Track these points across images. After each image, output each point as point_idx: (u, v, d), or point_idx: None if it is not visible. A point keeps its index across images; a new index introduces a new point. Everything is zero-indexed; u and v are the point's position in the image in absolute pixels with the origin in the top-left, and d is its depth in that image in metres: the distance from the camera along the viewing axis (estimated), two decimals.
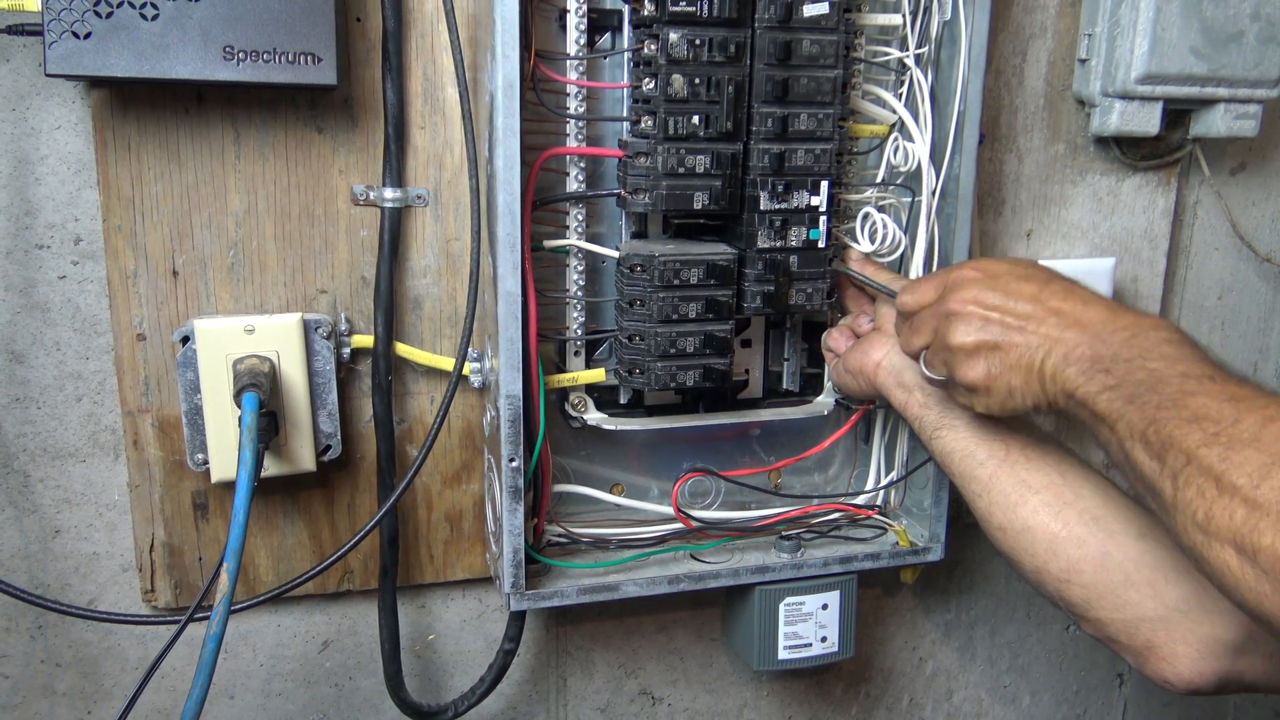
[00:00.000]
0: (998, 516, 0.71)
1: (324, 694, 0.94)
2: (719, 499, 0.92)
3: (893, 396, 0.79)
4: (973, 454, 0.73)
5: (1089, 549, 0.66)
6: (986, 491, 0.72)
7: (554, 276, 0.81)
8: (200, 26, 0.67)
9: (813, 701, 1.11)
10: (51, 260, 0.78)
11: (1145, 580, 0.64)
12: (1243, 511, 0.47)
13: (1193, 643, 0.63)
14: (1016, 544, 0.70)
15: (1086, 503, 0.68)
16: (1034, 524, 0.69)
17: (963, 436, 0.74)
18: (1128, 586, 0.65)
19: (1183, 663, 0.63)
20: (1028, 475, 0.70)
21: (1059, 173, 1.03)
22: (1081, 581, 0.67)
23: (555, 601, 0.81)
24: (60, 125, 0.76)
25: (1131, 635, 0.65)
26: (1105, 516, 0.67)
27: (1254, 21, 0.95)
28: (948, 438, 0.75)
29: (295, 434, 0.80)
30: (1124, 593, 0.65)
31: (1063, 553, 0.67)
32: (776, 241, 0.78)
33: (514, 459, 0.76)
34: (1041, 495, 0.69)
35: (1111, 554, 0.66)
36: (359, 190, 0.81)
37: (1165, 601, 0.64)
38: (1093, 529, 0.67)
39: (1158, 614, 0.64)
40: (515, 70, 0.70)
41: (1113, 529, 0.66)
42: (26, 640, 0.85)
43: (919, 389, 0.76)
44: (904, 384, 0.78)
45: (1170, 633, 0.63)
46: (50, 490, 0.82)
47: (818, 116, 0.77)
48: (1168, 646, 0.63)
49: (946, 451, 0.75)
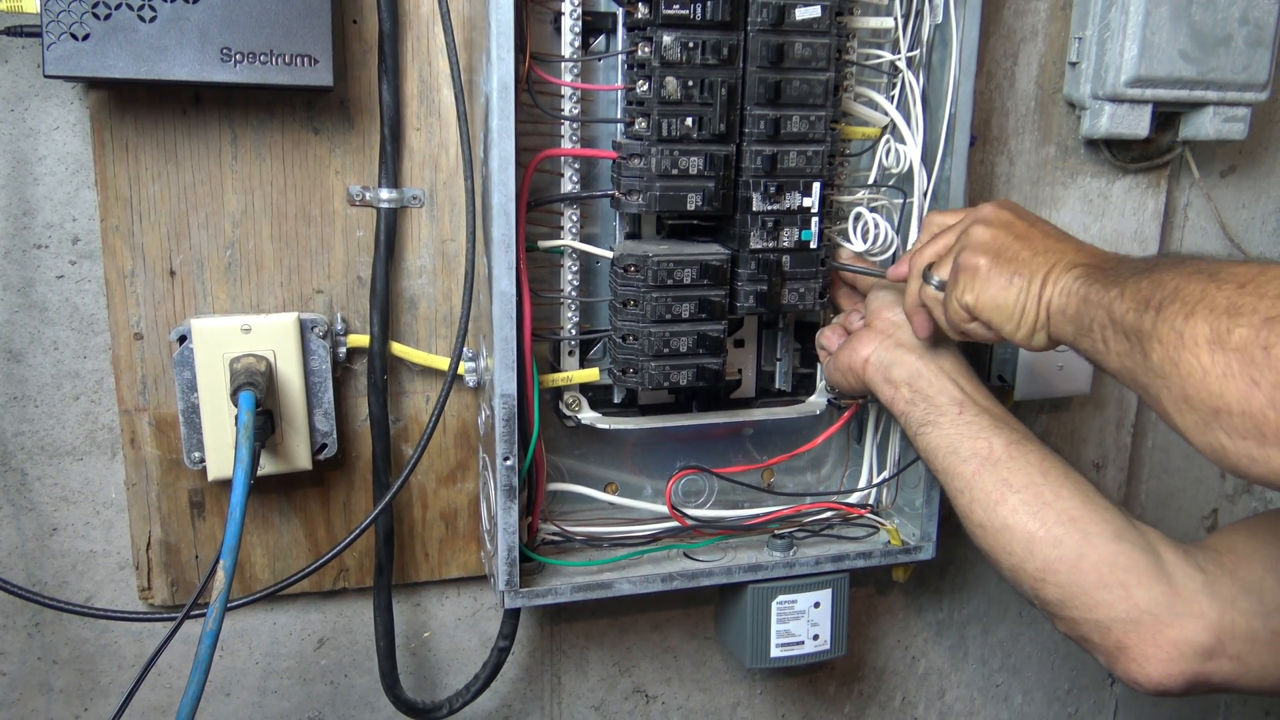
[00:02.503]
0: (978, 513, 0.72)
1: (319, 691, 0.94)
2: (712, 498, 0.92)
3: (880, 392, 0.80)
4: (956, 450, 0.74)
5: (1065, 549, 0.67)
6: (968, 488, 0.73)
7: (548, 277, 0.81)
8: (198, 28, 0.68)
9: (805, 700, 1.12)
10: (49, 260, 0.78)
11: (1119, 582, 0.65)
12: (1224, 303, 0.49)
13: (1163, 645, 0.64)
14: (995, 542, 0.71)
15: (1065, 503, 0.69)
16: (1013, 522, 0.70)
17: (947, 433, 0.75)
18: (1101, 587, 0.66)
19: (1152, 664, 0.64)
20: (1009, 474, 0.71)
21: (1050, 175, 1.03)
22: (1057, 581, 0.67)
23: (549, 599, 0.82)
24: (58, 126, 0.76)
25: (1103, 635, 0.66)
26: (1083, 517, 0.68)
27: (1242, 25, 0.96)
28: (932, 434, 0.75)
29: (291, 433, 0.80)
30: (1097, 593, 0.66)
31: (1039, 552, 0.68)
32: (769, 242, 0.79)
33: (509, 458, 0.76)
34: (1021, 494, 0.70)
35: (1087, 555, 0.67)
36: (355, 191, 0.82)
37: (1137, 604, 0.64)
38: (1070, 529, 0.68)
39: (1129, 616, 0.65)
40: (510, 72, 0.70)
41: (1090, 530, 0.67)
42: (23, 637, 0.85)
43: (905, 385, 0.77)
44: (891, 380, 0.78)
45: (1141, 634, 0.64)
46: (48, 488, 0.82)
47: (810, 119, 0.77)
48: (1138, 648, 0.64)
49: (930, 447, 0.76)
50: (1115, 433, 1.13)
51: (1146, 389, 0.54)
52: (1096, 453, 1.13)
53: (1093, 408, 1.12)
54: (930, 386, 0.76)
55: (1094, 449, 1.13)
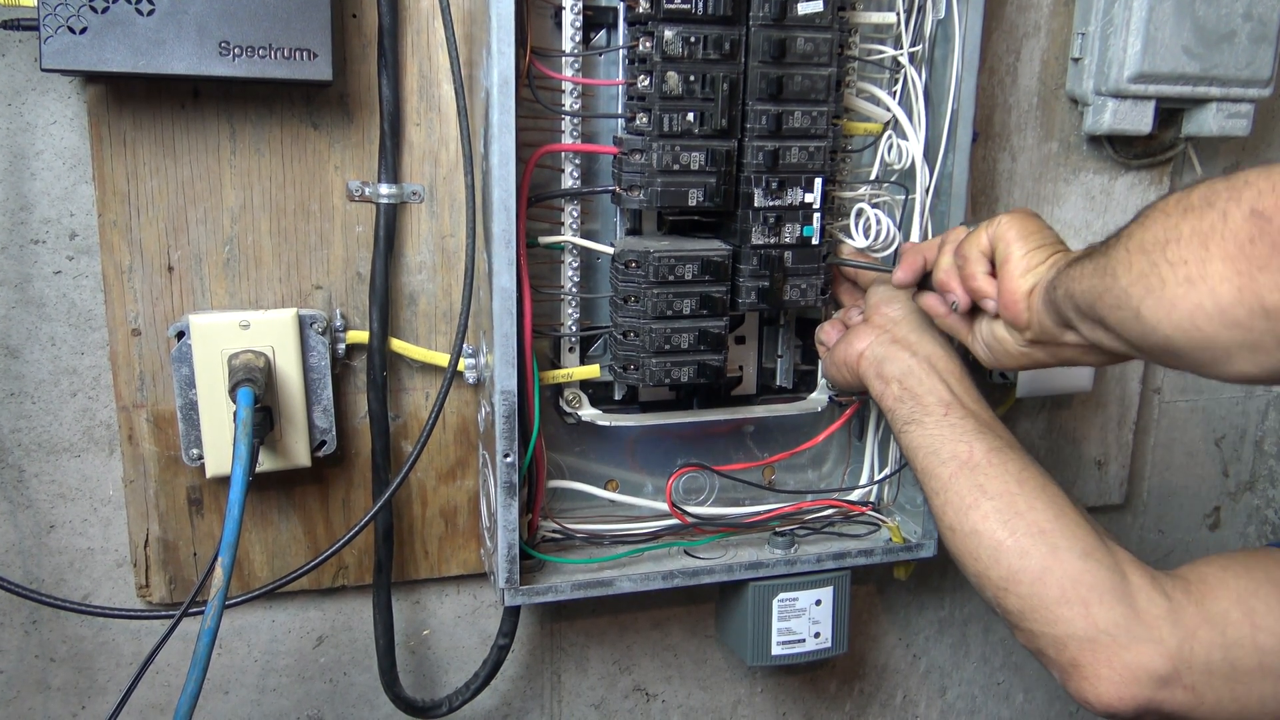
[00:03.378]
0: (949, 516, 0.72)
1: (318, 689, 0.94)
2: (713, 495, 0.92)
3: (871, 386, 0.80)
4: (936, 452, 0.74)
5: (1031, 561, 0.67)
6: (943, 489, 0.72)
7: (549, 273, 0.81)
8: (196, 22, 0.67)
9: (806, 698, 1.12)
10: (47, 255, 0.78)
11: (1080, 599, 0.65)
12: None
13: (1117, 667, 0.63)
14: (963, 546, 0.71)
15: (1038, 515, 0.68)
16: (982, 529, 0.69)
17: (930, 434, 0.74)
18: (1062, 603, 0.65)
19: (1104, 685, 0.63)
20: (985, 480, 0.71)
21: (1052, 171, 1.03)
22: (1019, 592, 0.67)
23: (549, 597, 0.81)
24: (56, 120, 0.76)
25: (1059, 651, 0.65)
26: (1053, 531, 0.67)
27: (1246, 21, 0.95)
28: (915, 433, 0.75)
29: (290, 429, 0.80)
30: (1057, 609, 0.65)
31: (1004, 561, 0.68)
32: (771, 238, 0.79)
33: (509, 455, 0.76)
34: (995, 501, 0.70)
35: (1052, 569, 0.66)
36: (354, 186, 0.81)
37: (1096, 623, 0.64)
38: (1038, 541, 0.67)
39: (1087, 634, 0.64)
40: (511, 67, 0.70)
41: (1058, 544, 0.67)
42: (21, 635, 0.85)
43: (896, 381, 0.77)
44: (883, 375, 0.78)
45: (1096, 654, 0.64)
46: (45, 485, 0.82)
47: (812, 114, 0.77)
48: (1091, 667, 0.64)
49: (913, 446, 0.76)
50: (1117, 430, 1.13)
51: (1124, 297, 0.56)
52: (1098, 450, 1.13)
53: (1094, 405, 1.12)
54: (920, 385, 0.76)
55: (1095, 446, 1.13)
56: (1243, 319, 0.50)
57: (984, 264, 0.70)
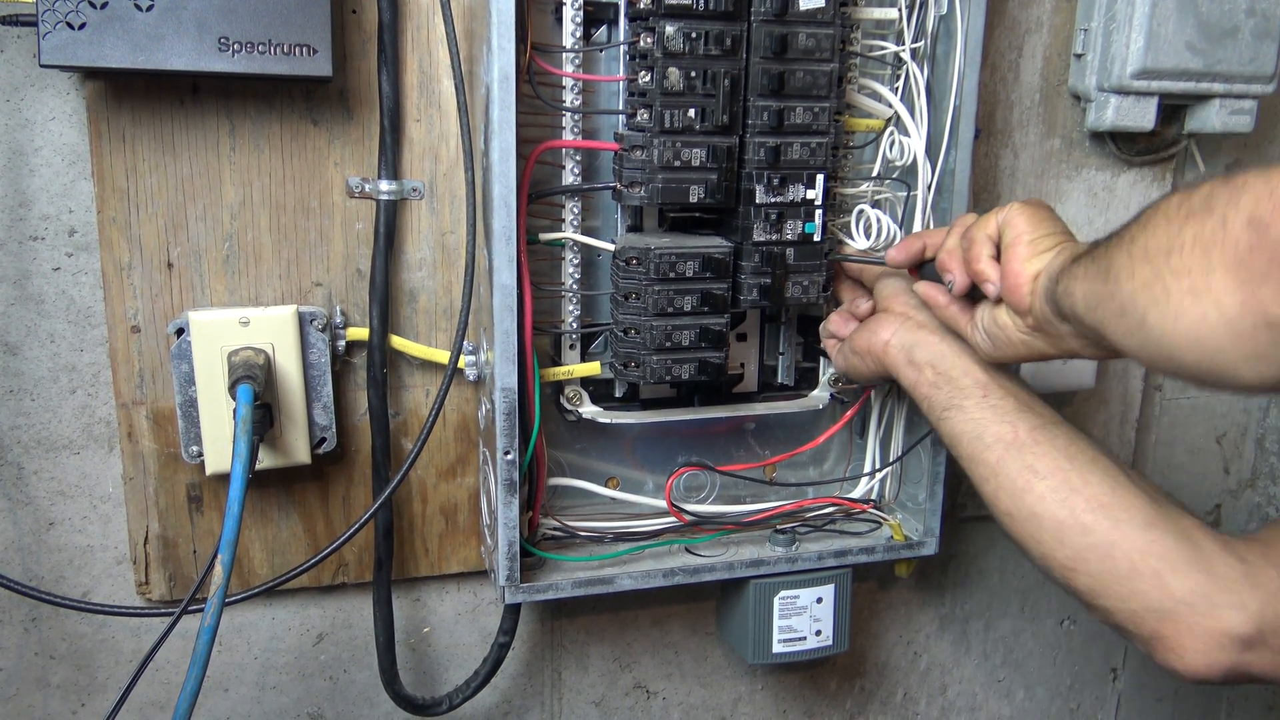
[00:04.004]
0: (1004, 502, 0.70)
1: (318, 687, 0.94)
2: (714, 493, 0.92)
3: (903, 375, 0.78)
4: (980, 436, 0.72)
5: (1095, 537, 0.66)
6: (993, 475, 0.71)
7: (549, 270, 0.81)
8: (195, 17, 0.67)
9: (807, 695, 1.12)
10: (46, 252, 0.78)
11: (1151, 571, 0.64)
12: None
13: (1200, 636, 0.62)
14: (1023, 530, 0.70)
15: (1094, 489, 0.67)
16: (1040, 510, 0.68)
17: (971, 418, 0.73)
18: (1134, 577, 0.64)
19: (1190, 654, 0.63)
20: (1034, 460, 0.69)
21: (1054, 168, 1.03)
22: (1088, 570, 0.66)
23: (550, 595, 0.81)
24: (55, 116, 0.76)
25: (1138, 625, 0.65)
26: (1112, 504, 0.66)
27: (1249, 17, 0.95)
28: (956, 419, 0.74)
29: (290, 427, 0.80)
30: (1130, 583, 0.64)
31: (1069, 540, 0.67)
32: (772, 235, 0.78)
33: (509, 452, 0.76)
34: (1048, 481, 0.68)
35: (1118, 543, 0.65)
36: (354, 183, 0.81)
37: (1172, 594, 0.63)
38: (1099, 517, 0.66)
39: (1163, 606, 0.63)
40: (511, 63, 0.70)
41: (1119, 517, 0.66)
42: (20, 633, 0.84)
43: (929, 366, 0.76)
44: (914, 362, 0.77)
45: (1177, 625, 0.63)
46: (44, 483, 0.82)
47: (813, 110, 0.77)
48: (1175, 639, 0.63)
49: (955, 433, 0.74)
50: (1119, 428, 1.13)
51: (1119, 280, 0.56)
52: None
53: (1096, 403, 1.11)
54: (954, 368, 0.75)
55: None
56: (1247, 331, 0.49)
57: (989, 247, 0.69)
